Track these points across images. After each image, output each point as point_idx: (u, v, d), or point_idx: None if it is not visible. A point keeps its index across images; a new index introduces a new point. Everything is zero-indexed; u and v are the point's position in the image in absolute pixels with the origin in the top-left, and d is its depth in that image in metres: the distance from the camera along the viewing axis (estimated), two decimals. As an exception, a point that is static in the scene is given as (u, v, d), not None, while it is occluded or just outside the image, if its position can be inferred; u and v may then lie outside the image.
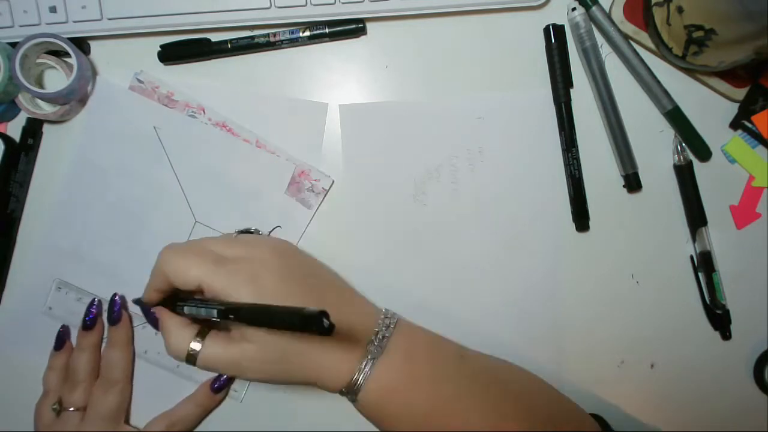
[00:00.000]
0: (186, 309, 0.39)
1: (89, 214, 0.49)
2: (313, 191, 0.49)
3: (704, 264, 0.49)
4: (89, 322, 0.48)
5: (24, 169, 0.49)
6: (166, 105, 0.49)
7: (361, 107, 0.50)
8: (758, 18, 0.39)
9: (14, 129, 0.50)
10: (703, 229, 0.49)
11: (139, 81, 0.49)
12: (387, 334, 0.40)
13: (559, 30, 0.48)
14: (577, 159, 0.48)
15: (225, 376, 0.49)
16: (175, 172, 0.49)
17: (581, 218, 0.49)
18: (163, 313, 0.41)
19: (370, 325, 0.41)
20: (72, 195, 0.49)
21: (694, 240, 0.49)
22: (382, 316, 0.41)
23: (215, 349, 0.39)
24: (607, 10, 0.48)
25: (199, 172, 0.49)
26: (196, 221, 0.49)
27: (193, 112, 0.49)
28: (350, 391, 0.39)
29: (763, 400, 0.50)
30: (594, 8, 0.48)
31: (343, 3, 0.47)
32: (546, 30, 0.49)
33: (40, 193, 0.50)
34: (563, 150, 0.49)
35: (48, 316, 0.50)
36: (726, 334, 0.50)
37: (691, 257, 0.50)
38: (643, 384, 0.50)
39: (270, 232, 0.48)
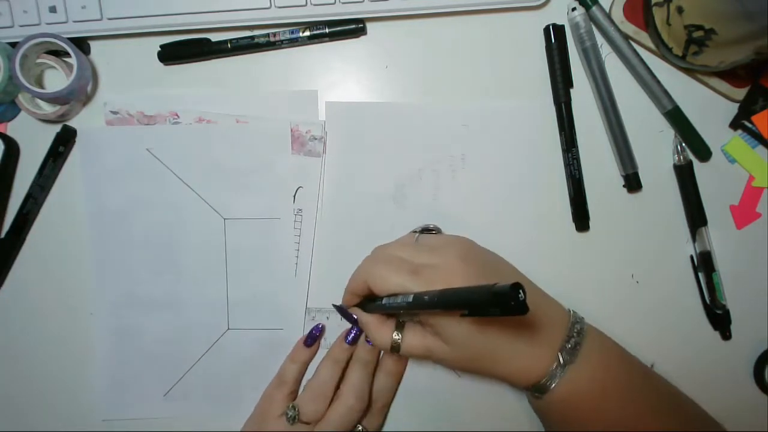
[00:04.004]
0: (385, 301, 0.42)
1: (125, 258, 0.49)
2: (315, 138, 0.49)
3: (704, 264, 0.49)
4: (353, 337, 0.47)
5: (49, 174, 0.49)
6: (147, 124, 0.49)
7: (348, 105, 0.50)
8: (758, 18, 0.39)
9: (14, 129, 0.50)
10: (703, 229, 0.49)
11: (113, 112, 0.49)
12: (579, 341, 0.41)
13: (559, 30, 0.48)
14: (577, 159, 0.48)
15: (356, 330, 0.48)
16: (185, 182, 0.49)
17: (581, 219, 0.49)
18: (361, 313, 0.46)
19: (560, 326, 0.42)
20: (101, 247, 0.50)
21: (694, 240, 0.49)
22: (571, 320, 0.43)
23: (414, 338, 0.43)
24: (607, 10, 0.48)
25: (205, 171, 0.49)
26: (224, 218, 0.49)
27: (175, 120, 0.49)
28: (537, 390, 0.41)
29: (763, 400, 0.50)
30: (594, 8, 0.48)
31: (343, 3, 0.47)
32: (546, 30, 0.49)
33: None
34: (563, 150, 0.49)
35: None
36: (726, 334, 0.50)
37: (691, 257, 0.50)
38: (643, 384, 0.50)
39: (294, 194, 0.49)
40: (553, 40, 0.48)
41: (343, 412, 0.45)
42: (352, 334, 0.47)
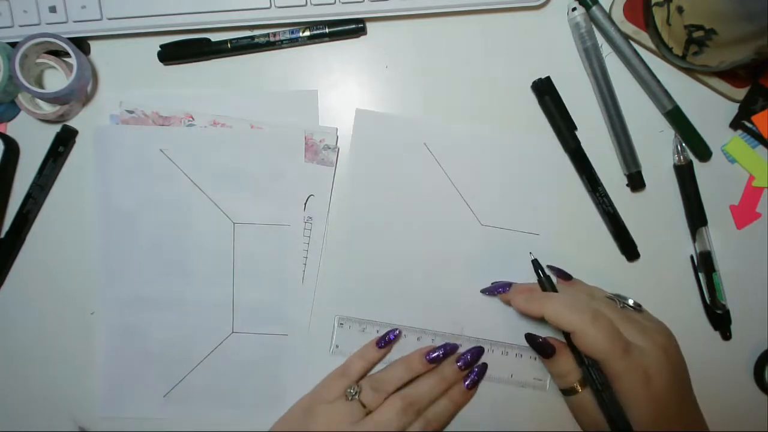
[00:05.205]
0: (584, 372, 0.44)
1: (132, 256, 0.49)
2: (329, 148, 0.49)
3: (704, 264, 0.49)
4: (442, 353, 0.47)
5: (48, 174, 0.49)
6: (162, 124, 0.49)
7: (377, 115, 0.49)
8: (758, 18, 0.39)
9: (14, 129, 0.50)
10: (703, 229, 0.49)
11: (129, 111, 0.49)
12: None
13: (546, 82, 0.48)
14: (607, 196, 0.48)
15: (477, 372, 0.48)
16: (197, 185, 0.49)
17: (630, 248, 0.49)
18: (562, 344, 0.45)
19: None
20: (109, 245, 0.49)
21: (694, 240, 0.49)
22: None
23: (587, 399, 0.44)
24: (607, 10, 0.48)
25: (217, 175, 0.49)
26: (234, 223, 0.49)
27: (190, 122, 0.49)
28: None
29: (763, 400, 0.50)
30: (594, 8, 0.48)
31: (343, 3, 0.47)
32: (533, 86, 0.49)
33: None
34: (589, 191, 0.49)
35: (338, 355, 0.49)
36: (726, 334, 0.50)
37: (691, 257, 0.50)
38: (643, 384, 0.50)
39: (305, 202, 0.48)
40: (544, 95, 0.48)
41: (392, 413, 0.45)
42: (463, 362, 0.47)
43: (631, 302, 0.46)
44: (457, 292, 0.50)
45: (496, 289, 0.48)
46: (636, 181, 0.49)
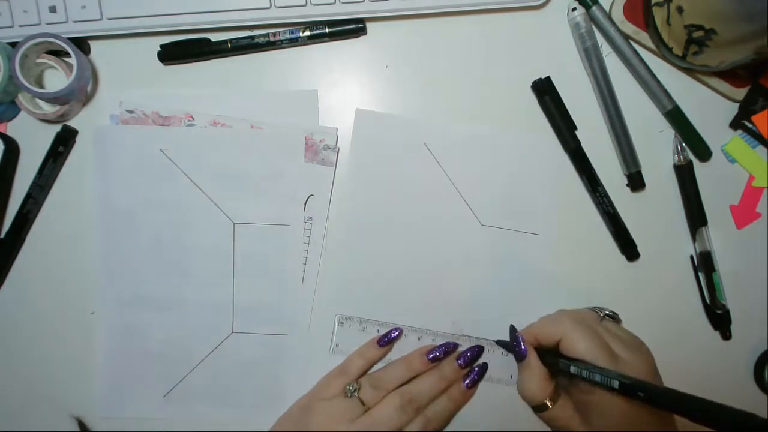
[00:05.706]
0: (573, 369, 0.42)
1: (132, 257, 0.49)
2: (329, 148, 0.49)
3: (704, 264, 0.49)
4: (442, 352, 0.48)
5: (48, 174, 0.49)
6: (162, 124, 0.49)
7: (377, 115, 0.49)
8: (758, 18, 0.39)
9: (14, 129, 0.50)
10: (703, 229, 0.49)
11: (129, 111, 0.49)
12: None
13: (546, 82, 0.48)
14: (607, 196, 0.48)
15: (477, 372, 0.48)
16: (197, 184, 0.49)
17: (630, 248, 0.49)
18: (534, 357, 0.46)
19: None
20: (109, 245, 0.49)
21: (694, 240, 0.49)
22: None
23: (563, 412, 0.44)
24: (607, 10, 0.48)
25: (218, 175, 0.49)
26: (234, 223, 0.49)
27: (190, 122, 0.49)
28: None
29: (763, 400, 0.50)
30: (594, 8, 0.48)
31: (343, 3, 0.47)
32: (533, 86, 0.49)
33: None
34: (589, 191, 0.49)
35: (338, 354, 0.49)
36: (726, 334, 0.50)
37: (691, 257, 0.50)
38: (643, 384, 0.50)
39: (306, 202, 0.48)
40: (544, 95, 0.48)
41: (391, 410, 0.45)
42: (463, 360, 0.48)
43: (608, 311, 0.47)
44: (457, 292, 0.50)
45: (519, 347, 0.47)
46: (636, 181, 0.49)
